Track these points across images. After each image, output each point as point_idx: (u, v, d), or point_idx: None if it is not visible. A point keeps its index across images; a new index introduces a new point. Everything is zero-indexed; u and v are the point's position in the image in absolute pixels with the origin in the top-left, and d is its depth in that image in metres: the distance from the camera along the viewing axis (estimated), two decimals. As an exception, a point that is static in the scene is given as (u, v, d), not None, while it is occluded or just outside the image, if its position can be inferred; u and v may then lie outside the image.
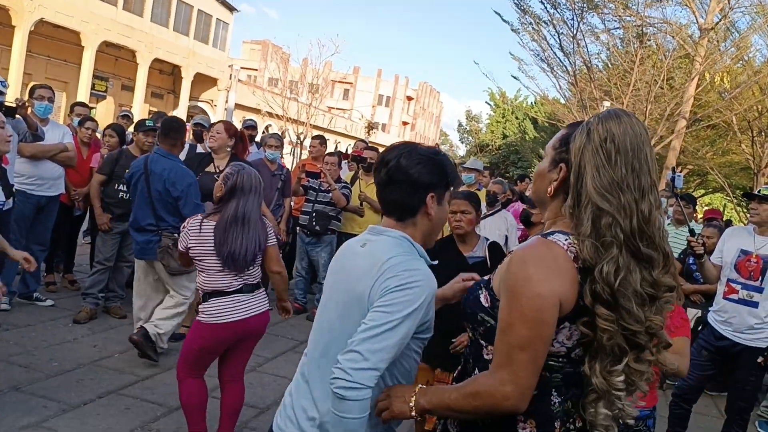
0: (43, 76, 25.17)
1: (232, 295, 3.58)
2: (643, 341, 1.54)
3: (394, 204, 1.97)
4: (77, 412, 4.05)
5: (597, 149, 1.54)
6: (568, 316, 1.54)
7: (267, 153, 7.26)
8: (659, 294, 1.53)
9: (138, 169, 5.14)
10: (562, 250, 1.55)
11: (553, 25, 17.77)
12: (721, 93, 18.35)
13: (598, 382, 1.54)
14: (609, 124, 1.55)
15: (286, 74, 34.19)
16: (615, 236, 1.50)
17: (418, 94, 73.97)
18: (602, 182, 1.52)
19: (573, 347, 1.58)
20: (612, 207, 1.50)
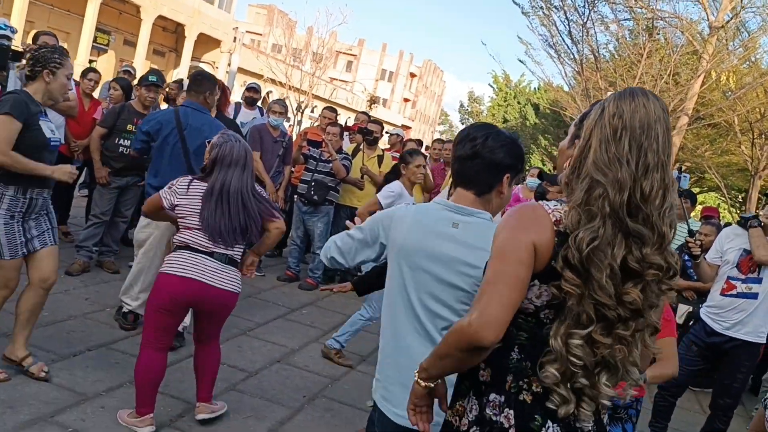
0: (46, 24, 24.82)
1: (201, 255, 3.43)
2: (612, 315, 1.53)
3: (473, 178, 2.19)
4: (66, 363, 4.06)
5: (605, 125, 1.56)
6: (540, 275, 1.58)
7: (271, 119, 7.22)
8: (644, 271, 1.53)
9: (167, 123, 4.66)
10: (545, 211, 1.61)
11: (564, 11, 17.62)
12: (725, 92, 18.30)
13: (555, 343, 1.55)
14: (621, 101, 1.57)
15: (290, 41, 33.89)
16: (601, 208, 1.51)
17: (422, 72, 73.61)
18: (602, 156, 1.54)
19: (541, 307, 1.60)
20: (606, 180, 1.52)
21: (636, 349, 1.59)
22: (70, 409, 3.53)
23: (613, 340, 1.55)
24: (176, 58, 33.84)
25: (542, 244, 1.56)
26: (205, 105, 4.80)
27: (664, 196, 1.54)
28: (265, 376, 4.62)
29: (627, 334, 1.56)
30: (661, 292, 1.59)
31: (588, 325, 1.53)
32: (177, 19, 31.07)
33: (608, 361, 1.57)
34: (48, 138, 3.68)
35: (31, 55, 3.78)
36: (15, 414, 3.34)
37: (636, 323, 1.56)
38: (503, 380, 1.65)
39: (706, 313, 4.74)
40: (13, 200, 3.59)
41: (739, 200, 24.55)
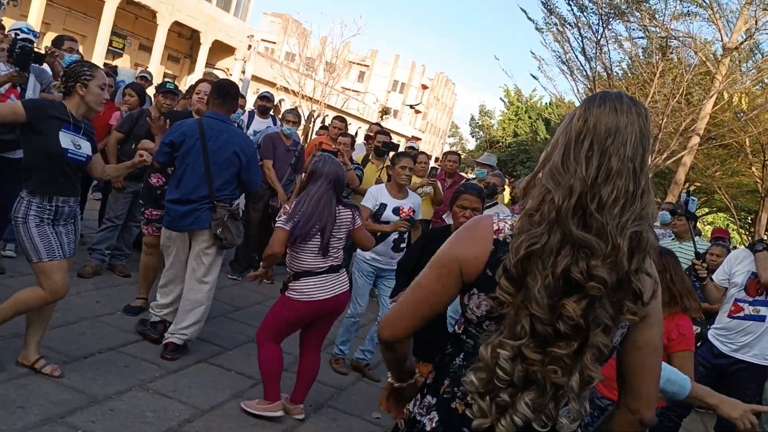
0: (62, 27, 25.08)
1: (320, 275, 3.99)
2: (544, 330, 1.42)
3: None
4: (77, 365, 4.10)
5: (570, 128, 1.49)
6: (477, 284, 1.56)
7: (284, 128, 7.28)
8: (586, 284, 1.40)
9: (191, 134, 4.60)
10: (488, 222, 1.59)
11: (578, 28, 17.67)
12: (737, 113, 18.29)
13: (483, 351, 1.48)
14: (591, 104, 1.49)
15: (304, 50, 34.07)
16: (547, 214, 1.43)
17: (434, 84, 73.75)
18: (560, 161, 1.46)
19: (483, 317, 1.56)
20: (555, 184, 1.44)
21: (576, 374, 1.45)
22: (80, 410, 3.56)
23: (546, 358, 1.44)
24: (191, 64, 34.07)
25: (471, 258, 1.55)
26: (227, 115, 4.81)
27: (624, 206, 1.42)
28: (272, 384, 4.64)
29: (563, 354, 1.43)
30: (617, 313, 1.46)
31: (521, 338, 1.44)
32: (192, 26, 31.30)
33: (538, 381, 1.46)
34: (65, 149, 3.72)
35: (63, 71, 3.89)
36: (25, 414, 3.38)
37: (578, 343, 1.44)
38: (441, 383, 1.64)
39: (714, 334, 4.74)
40: (40, 208, 3.69)
41: (748, 221, 24.46)
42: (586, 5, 17.26)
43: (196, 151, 4.58)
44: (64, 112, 3.77)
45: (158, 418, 3.71)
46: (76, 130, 3.83)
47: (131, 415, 3.65)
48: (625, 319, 1.47)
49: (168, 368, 4.39)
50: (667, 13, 16.90)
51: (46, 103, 3.76)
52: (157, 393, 4.01)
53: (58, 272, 3.70)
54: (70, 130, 3.79)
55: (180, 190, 4.60)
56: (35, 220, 3.67)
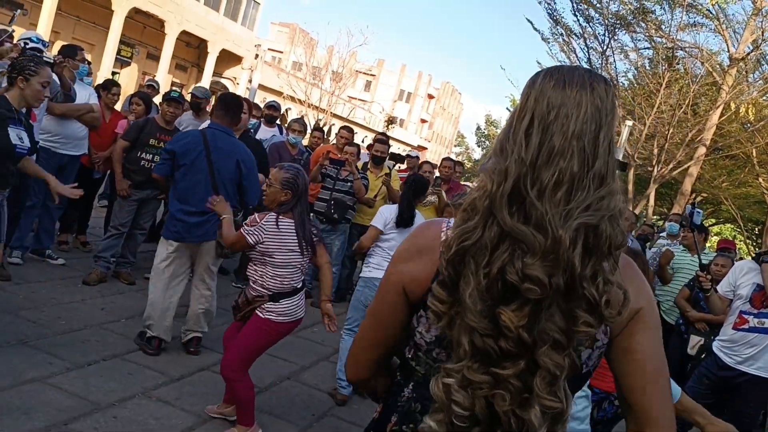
0: (71, 36, 25.28)
1: (297, 294, 3.80)
2: (481, 344, 1.17)
3: None
4: (81, 372, 4.11)
5: (516, 109, 1.27)
6: (423, 304, 1.32)
7: (290, 137, 7.33)
8: (521, 286, 1.14)
9: (195, 145, 4.64)
10: (436, 230, 1.38)
11: (584, 38, 17.73)
12: (744, 124, 18.26)
13: (434, 385, 1.23)
14: (536, 78, 1.26)
15: (311, 59, 34.22)
16: (480, 204, 1.20)
17: (440, 93, 73.92)
18: (498, 145, 1.24)
19: (431, 343, 1.34)
20: (491, 171, 1.21)
21: (535, 405, 1.17)
22: (83, 417, 3.57)
23: (490, 380, 1.17)
24: (198, 73, 34.26)
25: (417, 275, 1.34)
26: (230, 127, 4.86)
27: (569, 192, 1.16)
28: (274, 393, 4.65)
29: (508, 374, 1.16)
30: (570, 325, 1.16)
31: (462, 359, 1.19)
32: (200, 35, 31.51)
33: (500, 418, 1.20)
34: (14, 144, 3.79)
35: (11, 62, 3.93)
36: (29, 420, 3.39)
37: (524, 362, 1.16)
38: (387, 420, 1.43)
39: (719, 346, 4.72)
40: None
41: (755, 232, 24.37)
42: (592, 16, 17.33)
43: (200, 162, 4.62)
44: (9, 107, 3.83)
45: (161, 425, 3.72)
46: (19, 124, 3.90)
47: (134, 423, 3.66)
48: (582, 333, 1.17)
49: (171, 376, 4.40)
50: (674, 24, 16.94)
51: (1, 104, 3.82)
52: (160, 401, 4.01)
53: None
54: (15, 125, 3.85)
55: (188, 201, 4.63)
56: None
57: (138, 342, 4.81)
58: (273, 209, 3.75)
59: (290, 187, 3.70)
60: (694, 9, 16.63)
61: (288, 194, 3.70)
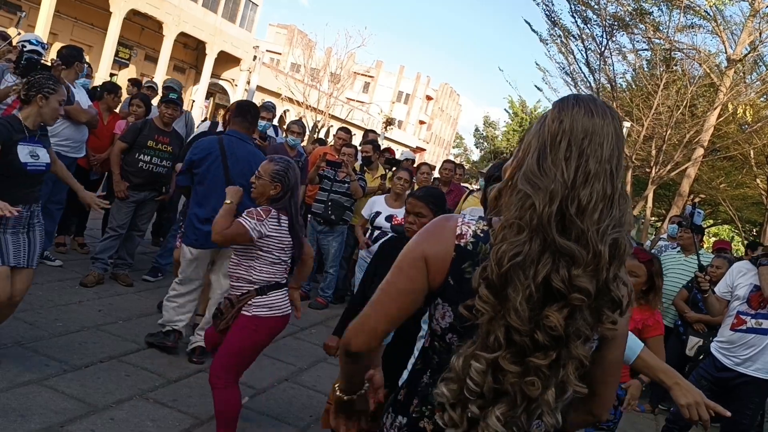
0: (69, 37, 25.28)
1: (282, 289, 3.61)
2: (521, 341, 1.35)
3: None
4: (78, 374, 4.10)
5: (544, 132, 1.42)
6: (440, 293, 1.50)
7: (289, 139, 7.34)
8: (569, 294, 1.34)
9: (212, 151, 4.67)
10: (453, 224, 1.52)
11: (581, 40, 17.73)
12: (741, 125, 18.28)
13: (456, 363, 1.41)
14: (564, 106, 1.43)
15: (309, 61, 34.23)
16: (529, 221, 1.35)
17: (438, 95, 73.93)
18: (534, 165, 1.39)
19: (446, 329, 1.51)
20: (534, 189, 1.36)
21: (553, 388, 1.38)
22: (80, 419, 3.56)
23: (523, 370, 1.37)
24: (196, 74, 34.27)
25: (436, 257, 1.49)
26: (248, 134, 4.89)
27: (602, 211, 1.35)
28: (273, 395, 4.64)
29: (543, 364, 1.36)
30: (598, 323, 1.40)
31: (496, 350, 1.37)
32: (198, 37, 31.51)
33: (509, 394, 1.39)
34: (23, 163, 3.76)
35: (27, 80, 3.90)
36: (25, 422, 3.38)
37: (557, 353, 1.37)
38: (410, 402, 1.58)
39: (717, 347, 4.72)
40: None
41: (753, 234, 24.40)
42: (590, 17, 17.32)
43: (216, 168, 4.65)
44: (20, 126, 3.80)
45: (158, 427, 3.71)
46: (32, 140, 3.87)
47: (131, 425, 3.65)
48: (605, 329, 1.41)
49: (168, 378, 4.39)
50: (671, 26, 16.96)
51: (8, 124, 3.78)
52: (158, 402, 4.01)
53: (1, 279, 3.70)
54: (27, 142, 3.82)
55: (205, 208, 4.63)
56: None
57: (152, 340, 4.86)
58: (262, 203, 3.62)
59: (280, 180, 3.57)
60: (691, 10, 16.65)
61: (278, 187, 3.57)
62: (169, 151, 6.14)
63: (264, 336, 3.54)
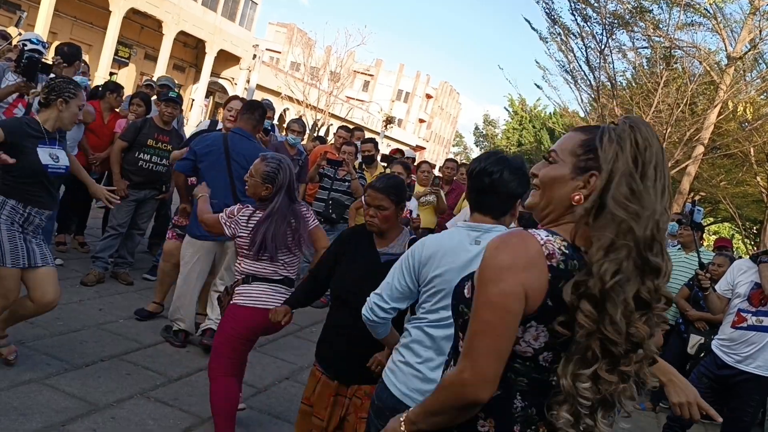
0: (68, 36, 25.24)
1: (274, 284, 3.53)
2: (618, 351, 1.46)
3: (491, 207, 2.41)
4: (79, 373, 4.10)
5: (629, 158, 1.48)
6: (536, 316, 1.50)
7: (289, 137, 7.33)
8: (654, 303, 1.48)
9: (215, 148, 4.75)
10: (537, 244, 1.51)
11: (581, 38, 17.69)
12: (741, 123, 18.27)
13: (566, 383, 1.47)
14: (638, 133, 1.50)
15: (309, 60, 34.21)
16: (626, 243, 1.44)
17: (438, 93, 73.90)
18: (628, 190, 1.46)
19: (540, 350, 1.53)
20: (631, 215, 1.44)
21: (633, 384, 1.52)
22: (81, 418, 3.56)
23: (617, 378, 1.48)
24: (196, 73, 34.27)
25: (535, 286, 1.48)
26: (253, 132, 4.95)
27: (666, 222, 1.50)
28: (274, 393, 4.64)
29: (629, 370, 1.49)
30: (659, 321, 1.53)
31: (593, 363, 1.46)
32: (198, 35, 31.50)
33: (606, 399, 1.50)
34: (44, 165, 3.77)
35: (47, 83, 3.92)
36: (27, 422, 3.38)
37: (636, 356, 1.49)
38: (510, 430, 1.57)
39: (718, 345, 4.72)
40: (13, 210, 3.72)
41: (753, 231, 24.39)
42: (590, 15, 17.29)
43: (220, 164, 4.71)
44: (37, 127, 3.82)
45: (159, 426, 3.71)
46: (52, 143, 3.88)
47: (132, 423, 3.65)
48: (661, 325, 1.57)
49: (169, 377, 4.39)
50: (671, 23, 16.93)
51: (25, 123, 3.80)
52: (159, 401, 4.00)
53: (15, 280, 3.73)
54: (47, 145, 3.83)
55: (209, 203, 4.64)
56: (7, 223, 3.70)
57: (165, 335, 4.97)
58: (257, 200, 3.64)
59: (270, 181, 3.55)
60: (691, 8, 16.64)
61: (269, 188, 3.55)
62: (169, 150, 6.13)
63: (241, 325, 3.48)
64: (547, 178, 1.64)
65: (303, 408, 3.16)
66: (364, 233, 3.17)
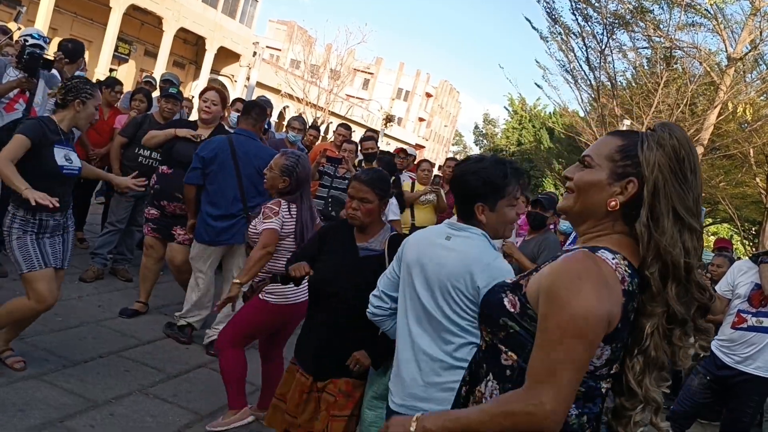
0: (69, 32, 25.19)
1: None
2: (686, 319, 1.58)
3: (457, 205, 2.46)
4: (77, 369, 4.09)
5: (676, 167, 1.52)
6: (605, 338, 1.50)
7: (289, 135, 7.34)
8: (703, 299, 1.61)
9: (221, 150, 4.75)
10: (611, 270, 1.50)
11: (582, 37, 17.69)
12: (741, 124, 18.26)
13: (639, 390, 1.56)
14: (680, 141, 1.53)
15: (309, 57, 34.19)
16: (681, 258, 1.51)
17: (438, 92, 73.87)
18: (687, 202, 1.52)
19: (601, 366, 1.56)
20: (685, 226, 1.51)
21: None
22: (79, 414, 3.55)
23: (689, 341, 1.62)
24: (196, 70, 34.21)
25: (614, 314, 1.48)
26: (256, 131, 4.98)
27: None
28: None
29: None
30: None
31: (663, 367, 1.58)
32: (198, 32, 31.44)
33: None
34: (59, 166, 3.76)
35: (63, 84, 3.90)
36: (25, 418, 3.37)
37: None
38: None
39: (717, 346, 4.72)
40: (23, 221, 3.71)
41: (752, 232, 24.40)
42: (590, 15, 17.28)
43: (228, 167, 4.73)
44: (55, 128, 3.80)
45: (158, 423, 3.70)
46: (66, 143, 3.87)
47: (131, 420, 3.65)
48: None
49: (168, 373, 4.39)
50: (672, 24, 16.92)
51: (45, 125, 3.77)
52: (158, 398, 4.00)
53: (41, 281, 3.70)
54: (62, 145, 3.82)
55: (217, 206, 4.74)
56: (17, 233, 3.70)
57: (168, 332, 5.01)
58: (273, 194, 3.81)
59: (288, 174, 3.73)
60: (692, 9, 16.61)
61: (286, 181, 3.73)
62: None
63: (269, 317, 3.72)
64: (583, 183, 1.63)
65: (275, 402, 3.19)
66: (345, 228, 3.14)
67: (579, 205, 1.65)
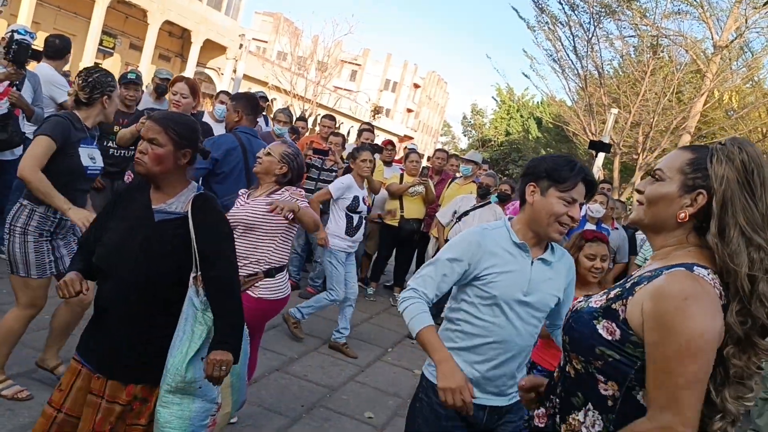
0: (52, 26, 24.94)
1: (284, 271, 3.75)
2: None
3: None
4: (66, 367, 4.05)
5: (744, 181, 1.55)
6: None
7: (275, 127, 7.27)
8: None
9: (234, 149, 4.62)
10: (710, 285, 1.53)
11: (569, 26, 17.73)
12: (727, 111, 18.39)
13: (727, 406, 1.55)
14: (750, 155, 1.56)
15: (296, 49, 34.06)
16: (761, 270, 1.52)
17: (426, 83, 73.77)
18: (753, 215, 1.53)
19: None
20: (762, 241, 1.52)
21: None
22: (69, 412, 3.53)
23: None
24: (182, 63, 33.96)
25: (718, 331, 1.52)
26: (252, 128, 4.94)
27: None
28: (264, 385, 4.63)
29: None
30: None
31: (751, 378, 1.58)
32: (183, 25, 31.20)
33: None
34: (85, 166, 3.58)
35: (84, 81, 3.63)
36: (14, 417, 3.35)
37: None
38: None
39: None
40: (43, 218, 3.52)
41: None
42: (577, 4, 17.34)
43: (239, 168, 4.62)
44: (80, 124, 3.60)
45: (149, 419, 3.68)
46: (91, 142, 3.70)
47: (121, 417, 3.62)
48: None
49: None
50: (658, 12, 17.00)
51: (69, 123, 3.56)
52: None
53: (44, 288, 3.63)
54: (87, 144, 3.64)
55: (227, 206, 4.60)
56: (35, 234, 3.51)
57: None
58: (265, 181, 3.70)
59: (288, 162, 3.70)
60: (678, -4, 16.68)
61: (283, 168, 3.69)
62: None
63: (261, 316, 3.70)
64: (654, 196, 1.68)
65: (46, 410, 2.50)
66: (143, 188, 2.53)
67: (649, 217, 1.70)
